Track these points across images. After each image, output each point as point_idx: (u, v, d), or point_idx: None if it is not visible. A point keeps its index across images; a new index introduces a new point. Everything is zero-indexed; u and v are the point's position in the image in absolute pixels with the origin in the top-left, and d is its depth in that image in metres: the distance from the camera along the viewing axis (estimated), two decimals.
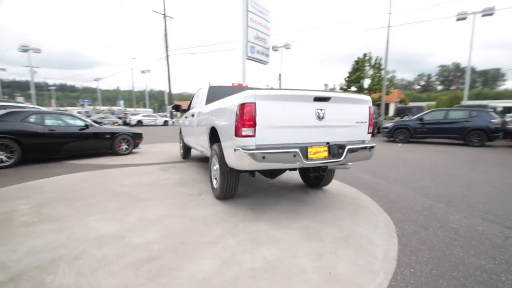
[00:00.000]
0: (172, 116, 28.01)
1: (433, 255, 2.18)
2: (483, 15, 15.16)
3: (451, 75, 64.38)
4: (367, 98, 3.20)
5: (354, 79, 27.53)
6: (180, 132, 7.11)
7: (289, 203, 3.39)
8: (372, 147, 3.19)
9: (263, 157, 2.53)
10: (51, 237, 2.40)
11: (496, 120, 9.23)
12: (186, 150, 6.79)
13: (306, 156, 2.75)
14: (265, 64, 18.64)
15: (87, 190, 3.89)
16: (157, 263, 2.00)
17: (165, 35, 27.07)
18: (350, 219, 2.90)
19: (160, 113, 34.44)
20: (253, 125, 2.53)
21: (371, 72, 27.58)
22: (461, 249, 2.28)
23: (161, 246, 2.25)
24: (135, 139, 7.93)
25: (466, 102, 19.05)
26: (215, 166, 3.48)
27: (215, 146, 3.42)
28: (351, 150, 2.97)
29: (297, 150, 2.66)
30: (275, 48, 22.07)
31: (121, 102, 57.12)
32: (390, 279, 1.86)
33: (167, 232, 2.52)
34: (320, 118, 2.82)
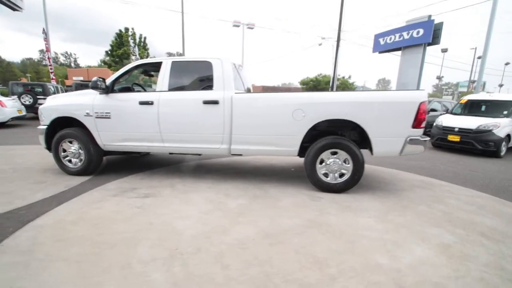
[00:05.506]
0: None
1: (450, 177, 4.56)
2: (248, 27, 21.23)
3: None
4: None
5: (121, 54, 24.96)
6: (53, 129, 3.92)
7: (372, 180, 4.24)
8: None
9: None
10: None
11: None
12: (98, 159, 3.97)
13: None
14: (17, 10, 11.62)
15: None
16: None
17: None
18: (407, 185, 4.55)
19: None
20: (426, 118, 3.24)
21: (137, 49, 26.58)
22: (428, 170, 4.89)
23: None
24: None
25: None
26: (332, 160, 3.35)
27: (338, 140, 3.30)
28: None
29: None
30: None
31: None
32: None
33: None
34: None
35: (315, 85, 34.36)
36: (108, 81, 3.72)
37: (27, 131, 8.54)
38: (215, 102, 3.44)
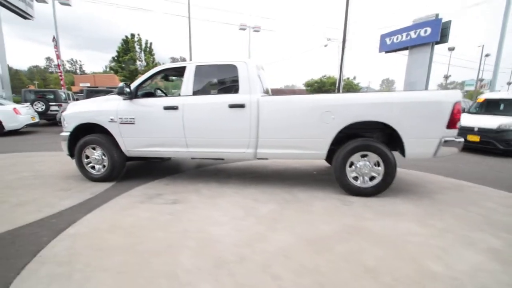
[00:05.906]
0: None
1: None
2: (254, 30, 21.40)
3: None
4: None
5: (128, 60, 25.20)
6: (78, 135, 3.89)
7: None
8: None
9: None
10: None
11: None
12: (121, 164, 3.94)
13: None
14: (28, 18, 11.78)
15: None
16: None
17: None
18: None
19: None
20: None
21: (143, 55, 26.80)
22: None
23: None
24: None
25: None
26: (362, 163, 3.26)
27: (368, 142, 3.22)
28: None
29: None
30: None
31: None
32: None
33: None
34: None
35: (320, 86, 34.24)
36: (132, 86, 3.70)
37: (40, 137, 8.59)
38: (241, 106, 3.39)
